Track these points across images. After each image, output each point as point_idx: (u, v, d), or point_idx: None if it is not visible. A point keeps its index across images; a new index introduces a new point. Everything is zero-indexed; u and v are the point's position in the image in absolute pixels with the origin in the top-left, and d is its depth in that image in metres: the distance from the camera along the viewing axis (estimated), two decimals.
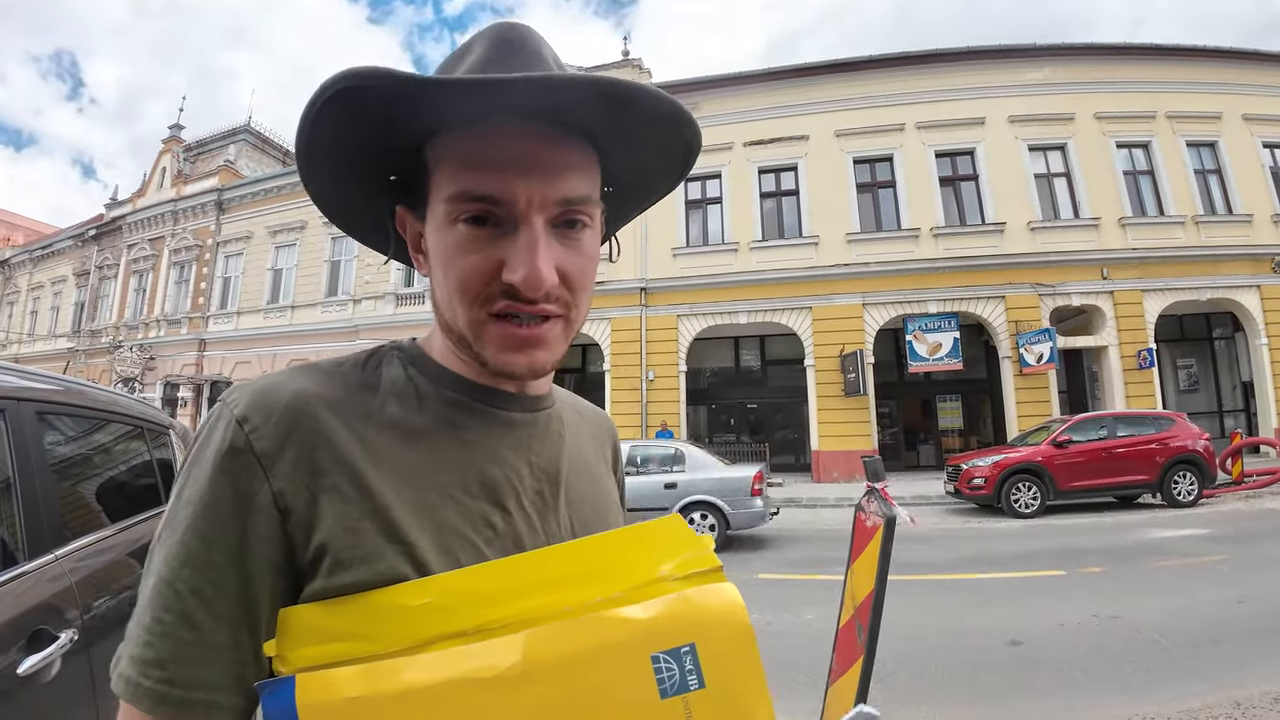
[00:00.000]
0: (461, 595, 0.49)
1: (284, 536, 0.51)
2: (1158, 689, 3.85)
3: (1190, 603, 5.44)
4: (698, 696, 0.45)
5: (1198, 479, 10.84)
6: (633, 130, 0.59)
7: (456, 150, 0.56)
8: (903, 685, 4.02)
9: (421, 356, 0.65)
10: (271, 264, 23.55)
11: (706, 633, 0.46)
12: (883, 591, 2.03)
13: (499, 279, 0.56)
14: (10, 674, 1.55)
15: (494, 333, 0.58)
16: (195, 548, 0.49)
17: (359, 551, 0.51)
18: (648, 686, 0.44)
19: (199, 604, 0.48)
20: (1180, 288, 16.19)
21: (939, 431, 19.72)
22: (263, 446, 0.52)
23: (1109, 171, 16.92)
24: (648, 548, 0.52)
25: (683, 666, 0.45)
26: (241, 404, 0.54)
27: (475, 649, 0.45)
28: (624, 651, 0.45)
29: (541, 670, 0.44)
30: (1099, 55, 17.59)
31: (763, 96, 18.44)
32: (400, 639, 0.46)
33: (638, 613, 0.46)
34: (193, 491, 0.51)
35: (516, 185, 0.55)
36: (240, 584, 0.50)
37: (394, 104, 0.53)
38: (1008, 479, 10.83)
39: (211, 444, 0.53)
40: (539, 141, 0.56)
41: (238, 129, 27.64)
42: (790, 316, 17.37)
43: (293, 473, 0.52)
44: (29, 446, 1.90)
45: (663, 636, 0.45)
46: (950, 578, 6.77)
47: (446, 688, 0.43)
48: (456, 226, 0.56)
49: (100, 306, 27.67)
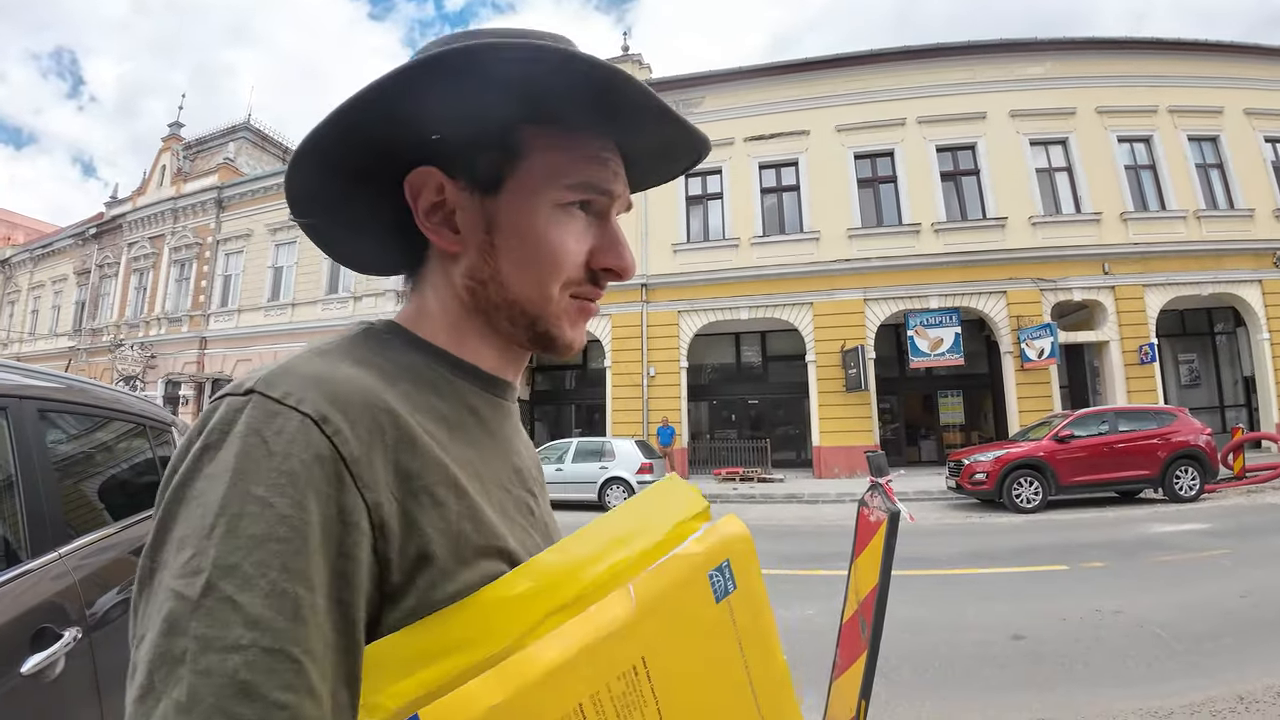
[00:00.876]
0: (554, 572, 0.51)
1: (374, 559, 0.44)
2: (1160, 683, 3.85)
3: (1192, 597, 5.44)
4: (735, 596, 0.57)
5: (1199, 474, 10.84)
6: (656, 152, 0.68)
7: (574, 143, 0.59)
8: (906, 680, 4.02)
9: (417, 339, 0.60)
10: (272, 261, 23.56)
11: (734, 549, 0.58)
12: (887, 586, 2.03)
13: (586, 264, 0.61)
14: (14, 672, 1.55)
15: (573, 309, 0.62)
16: (301, 595, 0.39)
17: (462, 555, 0.48)
18: (708, 597, 0.56)
19: (316, 670, 0.39)
20: (1181, 282, 16.17)
21: (940, 427, 19.74)
22: (350, 452, 0.44)
23: (1110, 166, 16.90)
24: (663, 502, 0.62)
25: (725, 577, 0.57)
26: (309, 399, 0.44)
27: (592, 611, 0.49)
28: (695, 576, 0.55)
29: (649, 609, 0.51)
30: (1100, 49, 17.55)
31: (763, 92, 18.42)
32: (512, 631, 0.47)
33: (694, 547, 0.56)
34: (267, 523, 0.40)
35: (617, 185, 0.62)
36: (341, 630, 0.41)
37: (543, 85, 0.54)
38: (1009, 474, 10.83)
39: (277, 453, 0.42)
40: (616, 149, 0.63)
41: (237, 126, 27.61)
42: (791, 312, 17.36)
43: (385, 481, 0.45)
44: (31, 444, 1.90)
45: (712, 559, 0.56)
46: (952, 573, 6.76)
47: (584, 653, 0.47)
48: (569, 209, 0.59)
49: (101, 305, 27.68)
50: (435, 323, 0.61)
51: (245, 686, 0.36)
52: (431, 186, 0.59)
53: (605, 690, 0.47)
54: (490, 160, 0.58)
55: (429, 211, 0.59)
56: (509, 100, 0.54)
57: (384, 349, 0.57)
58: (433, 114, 0.55)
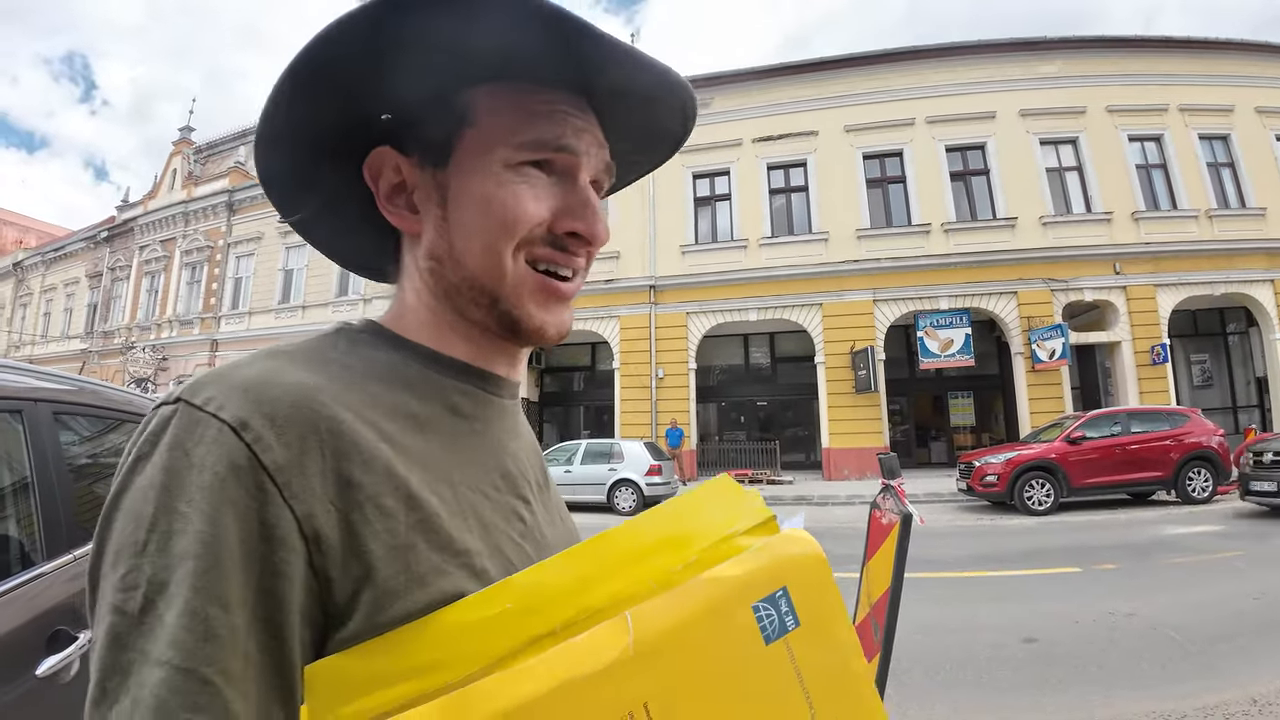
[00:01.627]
0: (540, 593, 0.45)
1: (311, 573, 0.41)
2: (1173, 685, 3.82)
3: (1206, 599, 5.40)
4: (796, 635, 0.46)
5: (1212, 475, 10.77)
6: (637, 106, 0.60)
7: (525, 100, 0.55)
8: (918, 683, 4.00)
9: (397, 337, 0.57)
10: (282, 264, 23.68)
11: (795, 575, 0.47)
12: (899, 589, 2.02)
13: (547, 224, 0.55)
14: (30, 675, 1.56)
15: (534, 284, 0.56)
16: (215, 615, 0.37)
17: (413, 573, 0.43)
18: (753, 635, 0.45)
19: (234, 691, 0.37)
20: (1193, 282, 16.04)
21: (951, 428, 19.64)
22: (273, 459, 0.40)
23: (1121, 165, 16.79)
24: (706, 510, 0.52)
25: (780, 610, 0.46)
26: (230, 404, 0.41)
27: (579, 642, 0.42)
28: (728, 607, 0.45)
29: (653, 646, 0.43)
30: (1110, 48, 17.46)
31: (771, 92, 18.40)
32: (481, 656, 0.41)
33: (731, 569, 0.46)
34: (182, 540, 0.38)
35: (582, 140, 0.56)
36: (268, 650, 0.39)
37: (455, 29, 0.48)
38: (1021, 476, 10.78)
39: (194, 464, 0.40)
40: (582, 107, 0.57)
41: (247, 130, 27.71)
42: (800, 313, 17.32)
43: (316, 489, 0.41)
44: (46, 447, 1.92)
45: (759, 586, 0.46)
46: (964, 575, 6.73)
47: (561, 691, 0.40)
48: (520, 169, 0.54)
49: (113, 307, 27.89)
50: (413, 317, 0.58)
51: (161, 704, 0.35)
52: (390, 166, 0.57)
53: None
54: (438, 128, 0.55)
55: (390, 194, 0.57)
56: (445, 58, 0.51)
57: (355, 348, 0.54)
58: (370, 85, 0.52)
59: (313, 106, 0.52)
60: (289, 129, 0.54)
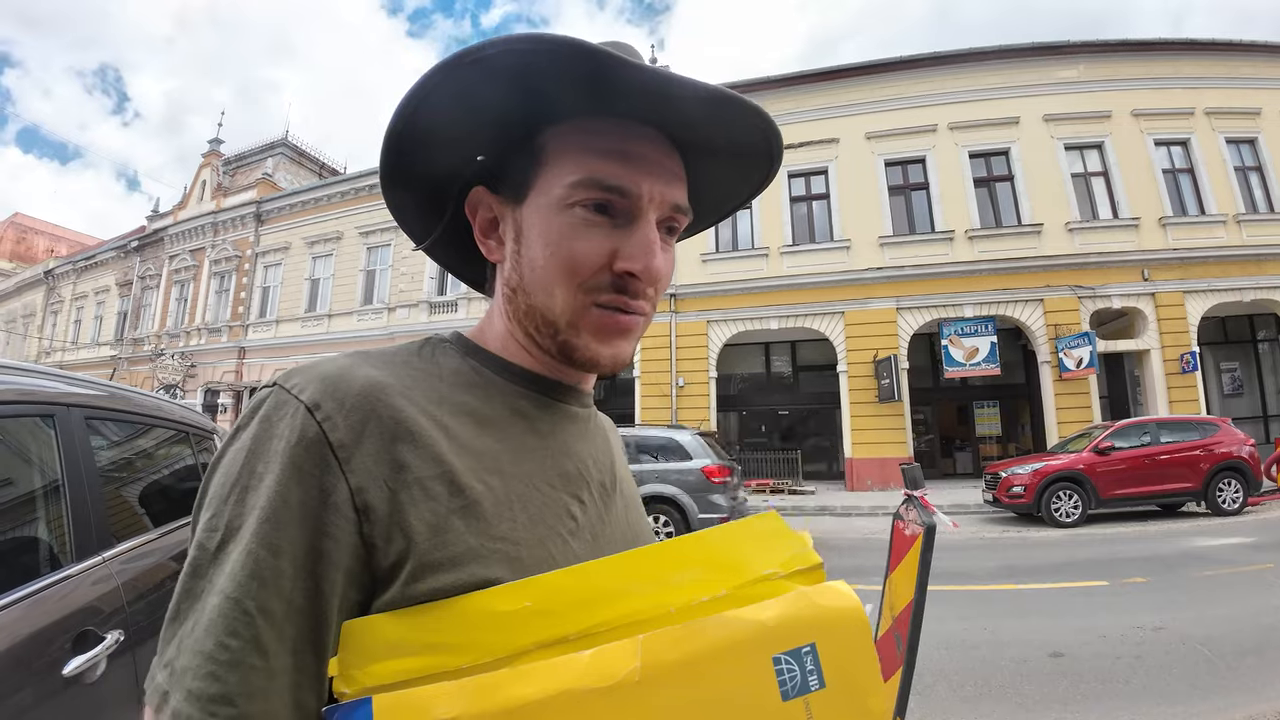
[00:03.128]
0: (562, 598, 0.45)
1: (360, 541, 0.46)
2: (1202, 700, 3.75)
3: (1236, 612, 5.28)
4: (818, 697, 0.44)
5: (1242, 486, 10.53)
6: (721, 149, 0.63)
7: (589, 140, 0.58)
8: (942, 697, 3.95)
9: (477, 348, 0.63)
10: (309, 274, 24.00)
11: (827, 632, 0.45)
12: (923, 601, 1.99)
13: (608, 267, 0.57)
14: (55, 675, 1.59)
15: (593, 319, 0.59)
16: (264, 559, 0.43)
17: (449, 553, 0.47)
18: (769, 689, 0.43)
19: (268, 625, 0.43)
20: (1223, 289, 15.70)
21: (976, 438, 19.36)
22: (338, 437, 0.47)
23: (1148, 170, 16.51)
24: (746, 545, 0.51)
25: (804, 667, 0.44)
26: (309, 389, 0.49)
27: (587, 656, 0.42)
28: (746, 653, 0.43)
29: (661, 676, 0.42)
30: (1134, 51, 17.19)
31: (791, 100, 18.33)
32: (496, 648, 0.43)
33: (757, 613, 0.45)
34: (255, 494, 0.45)
35: (643, 182, 0.58)
36: (310, 597, 0.44)
37: (530, 74, 0.53)
38: (1048, 487, 10.59)
39: (275, 434, 0.47)
40: (661, 147, 0.60)
41: (275, 143, 28.26)
42: (822, 322, 17.20)
43: (372, 467, 0.47)
44: (77, 450, 1.95)
45: (784, 637, 0.44)
46: (989, 588, 6.63)
47: (561, 700, 0.40)
48: (576, 210, 0.57)
49: (143, 315, 28.42)
50: (493, 332, 0.65)
51: (211, 625, 0.42)
52: (485, 204, 0.63)
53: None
54: (517, 169, 0.60)
55: (484, 228, 0.64)
56: (514, 101, 0.56)
57: (436, 355, 0.60)
58: (454, 131, 0.59)
59: (420, 153, 0.61)
60: (402, 171, 0.62)
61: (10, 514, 1.80)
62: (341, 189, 23.71)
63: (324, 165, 29.88)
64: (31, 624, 1.59)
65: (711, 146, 0.62)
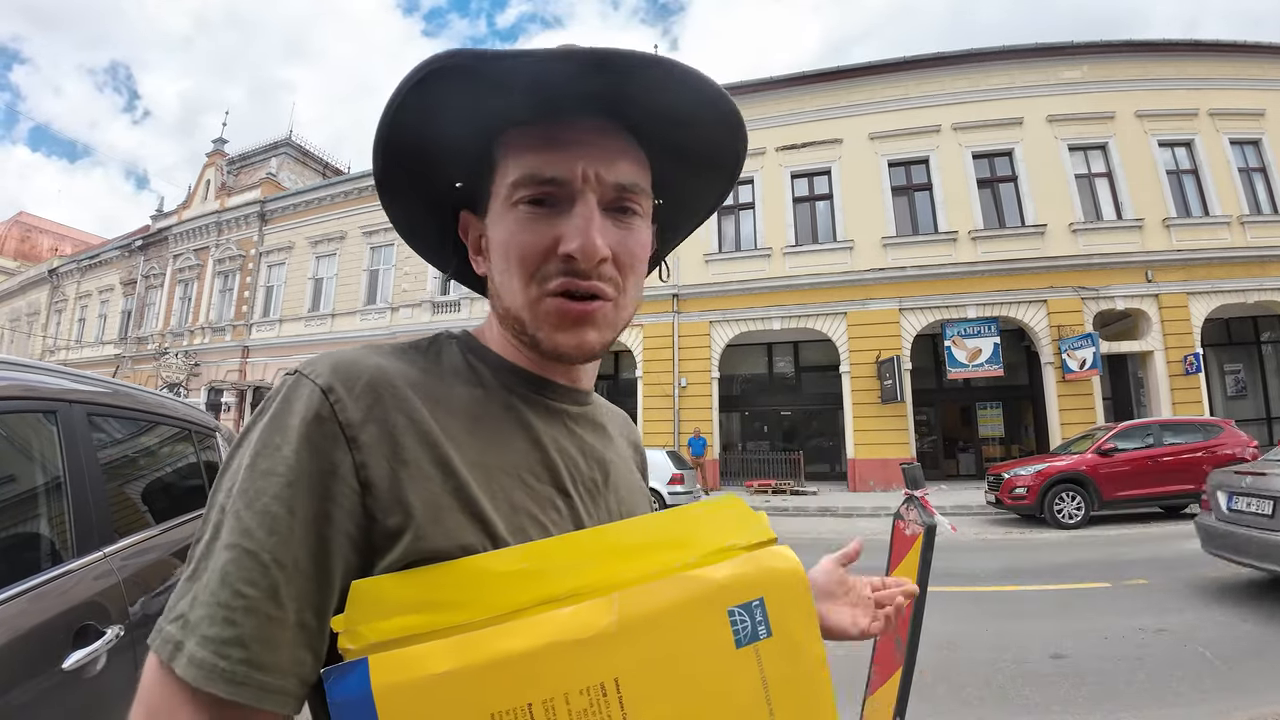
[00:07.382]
0: (553, 561, 0.50)
1: (362, 511, 0.51)
2: (1203, 703, 3.73)
3: (1238, 615, 5.26)
4: (767, 644, 0.50)
5: None
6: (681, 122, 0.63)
7: (522, 138, 0.61)
8: (942, 698, 3.94)
9: (479, 345, 0.67)
10: (312, 273, 24.07)
11: (773, 587, 0.51)
12: (923, 601, 1.99)
13: (556, 255, 0.59)
14: (55, 668, 1.59)
15: (547, 309, 0.60)
16: (280, 516, 0.48)
17: (440, 528, 0.52)
18: (725, 637, 0.49)
19: (283, 577, 0.47)
20: (1226, 290, 15.68)
21: (979, 439, 19.36)
22: (347, 417, 0.52)
23: (1151, 171, 16.49)
24: (713, 521, 0.56)
25: (754, 618, 0.50)
26: (324, 374, 0.54)
27: (569, 611, 0.47)
28: (704, 606, 0.49)
29: (632, 627, 0.47)
30: (1138, 52, 17.17)
31: (795, 101, 18.35)
32: (492, 606, 0.47)
33: (714, 572, 0.50)
34: (272, 461, 0.50)
35: (575, 164, 0.59)
36: (318, 557, 0.49)
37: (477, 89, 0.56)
38: (1051, 488, 10.57)
39: (293, 412, 0.52)
40: (597, 130, 0.61)
41: (279, 142, 28.32)
42: (825, 322, 17.19)
43: (376, 446, 0.52)
44: (79, 447, 1.96)
45: (737, 592, 0.50)
46: (991, 589, 6.62)
47: (546, 651, 0.45)
48: (518, 208, 0.60)
49: (147, 314, 28.52)
50: (490, 332, 0.69)
51: (226, 575, 0.47)
52: (471, 225, 0.69)
53: (562, 699, 0.45)
54: (480, 182, 0.65)
55: (474, 247, 0.69)
56: (466, 117, 0.59)
57: (443, 349, 0.66)
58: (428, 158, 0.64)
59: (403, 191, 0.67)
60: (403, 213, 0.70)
61: (12, 509, 1.81)
62: (345, 189, 23.77)
63: (328, 165, 29.97)
64: (32, 618, 1.59)
65: (655, 111, 0.61)
